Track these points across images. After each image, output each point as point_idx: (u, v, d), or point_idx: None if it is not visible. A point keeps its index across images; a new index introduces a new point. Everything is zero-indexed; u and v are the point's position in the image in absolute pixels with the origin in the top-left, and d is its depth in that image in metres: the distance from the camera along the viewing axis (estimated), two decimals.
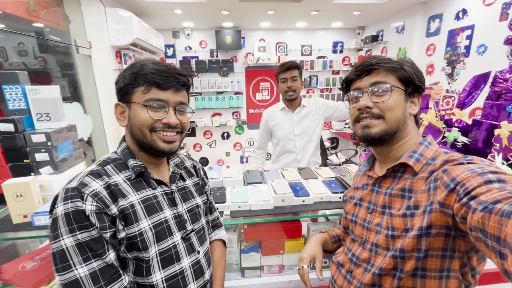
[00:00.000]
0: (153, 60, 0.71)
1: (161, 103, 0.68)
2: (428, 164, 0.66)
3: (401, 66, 0.69)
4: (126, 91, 0.69)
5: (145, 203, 0.70)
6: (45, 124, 1.24)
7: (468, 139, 1.46)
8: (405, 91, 0.69)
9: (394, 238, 0.66)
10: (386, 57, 0.71)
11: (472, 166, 0.55)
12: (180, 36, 4.16)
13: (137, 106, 0.68)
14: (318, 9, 3.19)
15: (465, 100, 1.55)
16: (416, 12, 3.08)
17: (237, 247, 1.22)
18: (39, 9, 2.02)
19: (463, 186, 0.52)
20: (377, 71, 0.69)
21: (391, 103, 0.67)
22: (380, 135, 0.68)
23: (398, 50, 3.45)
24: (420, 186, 0.64)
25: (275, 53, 4.37)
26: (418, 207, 0.62)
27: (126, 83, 0.68)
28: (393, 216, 0.67)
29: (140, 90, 0.67)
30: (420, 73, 0.71)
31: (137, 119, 0.68)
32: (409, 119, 0.71)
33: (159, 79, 0.67)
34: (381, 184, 0.74)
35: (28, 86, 1.20)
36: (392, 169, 0.71)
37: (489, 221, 0.43)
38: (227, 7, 3.02)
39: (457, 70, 2.68)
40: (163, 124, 0.69)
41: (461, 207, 0.51)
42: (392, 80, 0.69)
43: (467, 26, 2.53)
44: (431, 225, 0.59)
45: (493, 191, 0.47)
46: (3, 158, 1.21)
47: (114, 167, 0.70)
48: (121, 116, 0.72)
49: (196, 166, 0.93)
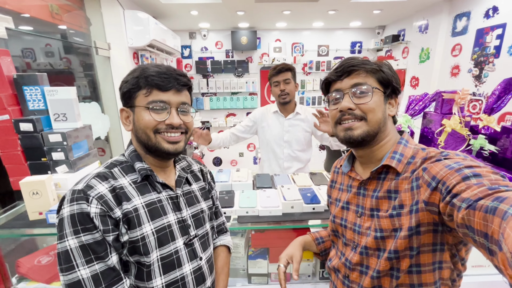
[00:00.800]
0: (154, 64, 0.72)
1: (162, 104, 0.68)
2: (409, 163, 0.67)
3: (380, 68, 0.70)
4: (129, 95, 0.70)
5: (149, 207, 0.70)
6: (62, 124, 1.28)
7: (496, 147, 1.35)
8: (384, 93, 0.70)
9: (383, 239, 0.67)
10: (364, 59, 0.71)
11: (448, 162, 0.57)
12: (197, 37, 4.20)
13: (140, 109, 0.69)
14: (336, 8, 3.10)
15: (493, 105, 1.43)
16: (441, 10, 2.92)
17: (244, 253, 1.20)
18: (62, 12, 2.10)
19: (444, 185, 0.54)
20: (357, 72, 0.69)
21: (372, 104, 0.68)
22: (363, 136, 0.69)
23: (420, 50, 3.28)
24: (404, 186, 0.66)
25: (291, 54, 4.32)
26: (403, 206, 0.64)
27: (128, 88, 0.69)
28: (381, 218, 0.68)
29: (142, 93, 0.68)
30: (397, 76, 0.73)
31: (141, 121, 0.68)
32: (388, 119, 0.73)
33: (159, 81, 0.67)
34: (366, 187, 0.75)
35: (46, 87, 1.25)
36: (375, 171, 0.71)
37: (475, 218, 0.45)
38: (243, 8, 3.01)
39: (486, 72, 2.50)
40: (166, 125, 0.69)
41: (445, 205, 0.53)
42: (372, 81, 0.70)
43: (498, 24, 2.36)
44: (420, 224, 0.61)
45: (472, 188, 0.48)
46: (23, 156, 1.26)
47: (121, 169, 0.71)
48: (126, 121, 0.73)
49: (203, 170, 0.92)
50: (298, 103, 1.90)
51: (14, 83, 1.22)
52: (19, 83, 1.22)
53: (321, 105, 4.53)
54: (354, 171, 0.80)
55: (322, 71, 4.31)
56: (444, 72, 2.99)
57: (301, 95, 4.48)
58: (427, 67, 3.18)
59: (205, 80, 4.25)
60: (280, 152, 1.85)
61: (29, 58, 1.91)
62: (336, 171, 0.90)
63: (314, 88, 4.42)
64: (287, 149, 1.84)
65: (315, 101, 4.50)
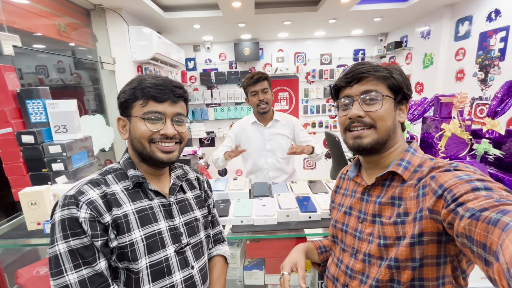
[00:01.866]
0: (152, 75, 0.74)
1: (158, 115, 0.70)
2: (416, 171, 0.66)
3: (391, 74, 0.68)
4: (127, 105, 0.72)
5: (140, 214, 0.70)
6: (62, 136, 1.32)
7: (502, 151, 1.30)
8: (395, 99, 0.69)
9: (387, 247, 0.65)
10: (375, 64, 0.70)
11: (459, 173, 0.56)
12: (201, 50, 4.31)
13: (136, 119, 0.70)
14: (336, 17, 3.13)
15: (497, 108, 1.39)
16: (443, 15, 2.90)
17: (240, 263, 1.17)
18: (70, 30, 2.21)
19: (451, 193, 0.53)
20: (367, 79, 0.68)
21: (382, 112, 0.67)
22: (372, 145, 0.68)
23: (423, 55, 3.25)
24: (409, 193, 0.64)
25: (294, 63, 4.35)
26: (408, 214, 0.63)
27: (126, 98, 0.71)
28: (384, 225, 0.66)
29: (139, 104, 0.70)
30: (408, 81, 0.71)
31: (137, 131, 0.70)
32: (397, 126, 0.72)
33: (155, 93, 0.69)
34: (371, 193, 0.73)
35: (48, 100, 1.29)
36: (380, 177, 0.70)
37: (476, 228, 0.44)
38: (243, 20, 3.08)
39: (491, 75, 2.45)
40: (161, 135, 0.71)
41: (448, 213, 0.52)
42: (382, 88, 0.68)
43: (501, 27, 2.32)
44: (423, 233, 0.59)
45: (480, 199, 0.47)
46: (25, 167, 1.30)
47: (115, 176, 0.72)
48: (123, 130, 0.75)
49: (200, 179, 0.92)
50: (284, 113, 1.89)
51: (17, 97, 1.27)
52: (22, 97, 1.27)
53: (325, 113, 4.51)
54: (360, 177, 0.79)
55: (326, 79, 4.31)
56: (449, 77, 2.94)
57: (305, 104, 4.48)
58: (431, 72, 3.14)
59: (209, 91, 4.32)
60: (264, 162, 1.81)
61: (42, 75, 2.00)
62: (342, 177, 0.90)
63: (318, 97, 4.41)
64: (271, 158, 1.80)
65: (319, 109, 4.48)
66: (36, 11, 1.87)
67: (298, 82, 4.38)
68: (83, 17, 2.40)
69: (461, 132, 1.16)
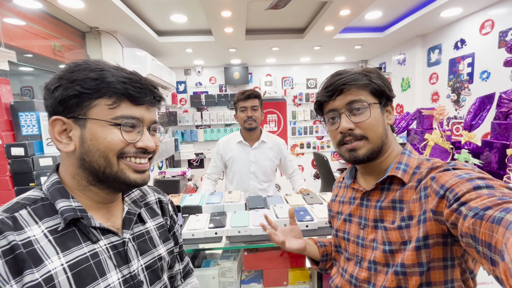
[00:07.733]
0: (113, 65, 0.54)
1: (135, 121, 0.53)
2: (414, 173, 0.66)
3: (370, 80, 0.68)
4: (77, 102, 0.49)
5: (76, 269, 0.48)
6: (54, 149, 1.29)
7: (481, 160, 1.40)
8: (380, 103, 0.69)
9: (392, 253, 0.63)
10: (353, 72, 0.69)
11: (459, 172, 0.56)
12: (191, 73, 4.43)
13: (99, 124, 0.50)
14: (320, 44, 3.37)
15: (471, 122, 1.51)
16: (415, 44, 3.20)
17: (237, 277, 1.14)
18: (64, 50, 2.24)
19: (453, 192, 0.52)
20: (348, 89, 0.67)
21: (372, 121, 0.66)
22: (368, 155, 0.67)
23: (401, 80, 3.52)
24: (410, 196, 0.64)
25: (281, 87, 4.55)
26: (412, 217, 0.62)
27: (79, 91, 0.49)
28: (388, 230, 0.65)
29: (105, 103, 0.50)
30: (388, 82, 0.71)
31: (101, 142, 0.50)
32: (388, 129, 0.71)
33: (133, 91, 0.51)
34: (370, 198, 0.72)
35: (42, 112, 1.28)
36: (380, 182, 0.69)
37: (481, 228, 0.43)
38: (234, 45, 3.26)
39: (463, 97, 2.67)
40: (137, 148, 0.54)
41: (451, 213, 0.51)
42: (366, 95, 0.68)
43: (467, 54, 2.58)
44: (428, 235, 0.58)
45: (483, 197, 0.47)
46: (11, 181, 1.24)
47: (32, 212, 0.49)
48: (60, 137, 0.51)
49: (162, 201, 0.72)
50: (272, 134, 1.88)
51: (10, 110, 1.26)
52: (15, 110, 1.26)
53: (313, 134, 4.64)
54: (357, 183, 0.78)
55: (312, 102, 4.51)
56: (425, 99, 3.18)
57: (293, 125, 4.61)
58: (409, 95, 3.38)
59: (199, 113, 4.38)
60: (246, 185, 1.76)
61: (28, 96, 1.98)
62: (339, 185, 0.88)
63: (305, 118, 4.57)
64: (253, 180, 1.75)
65: (306, 130, 4.62)
66: (33, 31, 1.91)
67: (286, 105, 4.55)
68: (78, 38, 2.46)
69: (442, 142, 1.25)
